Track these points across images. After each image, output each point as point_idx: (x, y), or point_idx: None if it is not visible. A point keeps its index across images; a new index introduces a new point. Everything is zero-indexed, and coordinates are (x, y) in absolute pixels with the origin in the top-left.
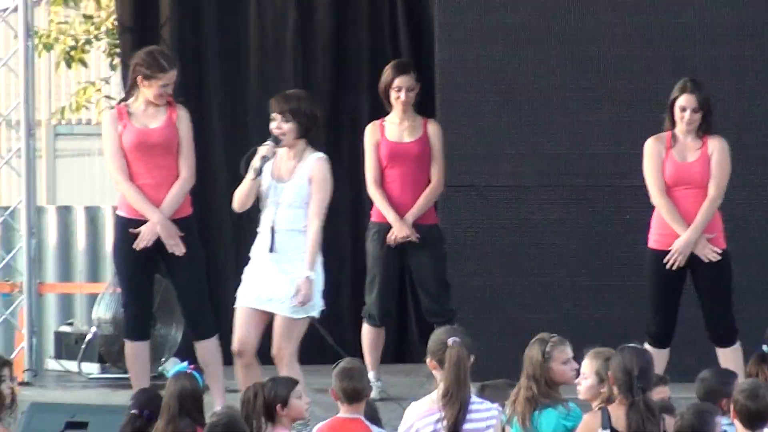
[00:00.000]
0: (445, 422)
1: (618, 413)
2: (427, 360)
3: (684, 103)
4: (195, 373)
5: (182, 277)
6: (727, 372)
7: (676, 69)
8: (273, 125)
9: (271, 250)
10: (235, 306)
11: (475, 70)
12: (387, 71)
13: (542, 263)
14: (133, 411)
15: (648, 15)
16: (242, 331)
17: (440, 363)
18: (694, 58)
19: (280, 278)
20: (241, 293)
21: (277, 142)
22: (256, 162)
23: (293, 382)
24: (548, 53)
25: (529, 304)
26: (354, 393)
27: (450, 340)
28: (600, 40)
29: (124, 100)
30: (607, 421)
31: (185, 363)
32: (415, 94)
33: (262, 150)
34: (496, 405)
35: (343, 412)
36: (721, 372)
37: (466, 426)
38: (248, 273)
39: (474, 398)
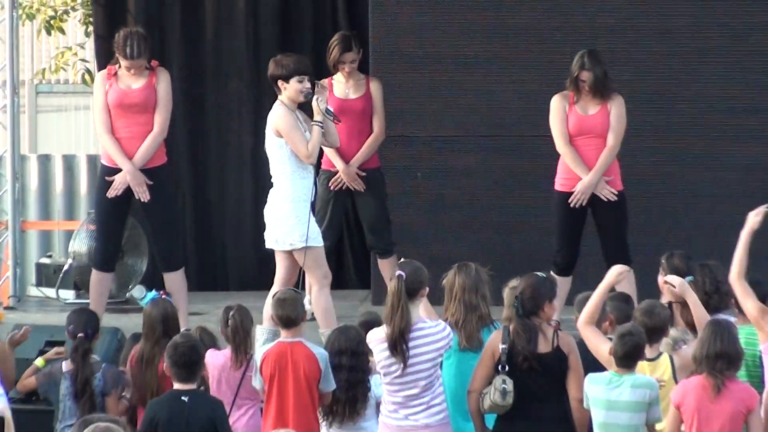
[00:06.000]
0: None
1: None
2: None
3: (583, 77)
4: (168, 298)
5: (156, 217)
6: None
7: (577, 37)
8: (306, 84)
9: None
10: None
11: (404, 36)
12: (334, 49)
13: (460, 204)
14: (79, 334)
15: None
16: None
17: None
18: (595, 29)
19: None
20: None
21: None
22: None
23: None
24: (469, 22)
25: (450, 239)
26: (288, 319)
27: (397, 273)
28: (516, 8)
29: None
30: (507, 337)
31: (154, 291)
32: (358, 60)
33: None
34: (446, 326)
35: (284, 336)
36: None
37: (418, 350)
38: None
39: (427, 322)
